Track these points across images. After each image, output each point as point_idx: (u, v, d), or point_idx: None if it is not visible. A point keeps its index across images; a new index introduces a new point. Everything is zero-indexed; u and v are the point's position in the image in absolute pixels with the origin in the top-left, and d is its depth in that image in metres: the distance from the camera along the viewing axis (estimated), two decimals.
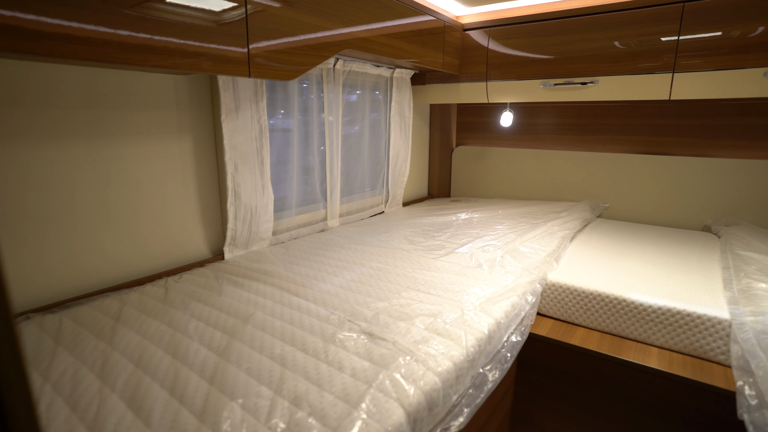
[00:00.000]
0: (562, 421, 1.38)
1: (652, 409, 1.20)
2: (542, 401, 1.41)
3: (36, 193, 1.13)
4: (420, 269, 1.40)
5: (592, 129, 2.31)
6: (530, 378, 1.42)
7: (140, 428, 0.70)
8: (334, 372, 0.84)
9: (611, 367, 1.25)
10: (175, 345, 0.95)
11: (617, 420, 1.27)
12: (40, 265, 1.16)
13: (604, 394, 1.28)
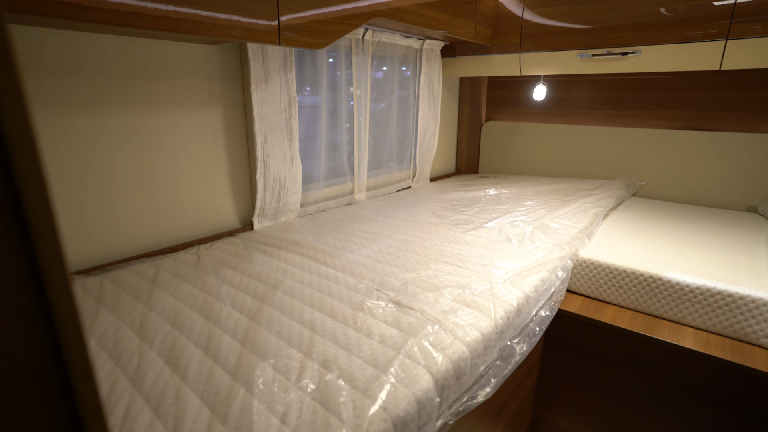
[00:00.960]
0: (587, 397, 1.37)
1: (684, 389, 1.17)
2: (568, 377, 1.40)
3: (76, 161, 1.17)
4: (447, 242, 1.39)
5: (630, 103, 2.21)
6: (557, 354, 1.40)
7: (177, 383, 0.73)
8: (363, 338, 0.85)
9: (642, 346, 1.22)
10: (208, 308, 0.98)
11: (645, 398, 1.25)
12: (81, 230, 1.21)
13: (633, 373, 1.26)
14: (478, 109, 2.72)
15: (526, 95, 2.57)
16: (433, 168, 2.62)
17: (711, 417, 1.15)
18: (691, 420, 1.18)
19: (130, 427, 0.64)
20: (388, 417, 0.66)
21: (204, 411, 0.66)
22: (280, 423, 0.64)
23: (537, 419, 1.51)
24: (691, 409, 1.17)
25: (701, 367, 1.14)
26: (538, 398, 1.49)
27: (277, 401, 0.68)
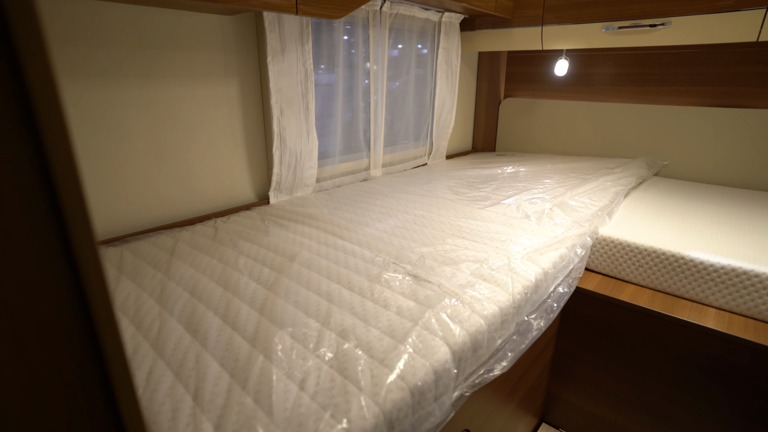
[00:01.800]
0: (602, 375, 1.36)
1: (703, 369, 1.16)
2: (584, 356, 1.39)
3: (95, 133, 1.17)
4: (464, 218, 1.38)
5: (656, 79, 2.12)
6: (573, 332, 1.39)
7: (197, 349, 0.74)
8: (380, 309, 0.85)
9: (661, 326, 1.20)
10: (226, 278, 0.98)
11: (662, 378, 1.24)
12: (102, 201, 1.22)
13: (650, 352, 1.24)
14: (496, 85, 2.65)
15: (547, 71, 2.49)
16: (449, 145, 2.58)
17: (729, 397, 1.13)
18: (708, 400, 1.17)
19: (153, 388, 0.66)
20: (405, 386, 0.67)
21: (224, 376, 0.67)
22: (298, 389, 0.64)
23: (550, 396, 1.52)
24: (709, 388, 1.16)
25: (722, 348, 1.12)
26: (552, 376, 1.49)
27: (295, 368, 0.68)
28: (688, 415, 1.22)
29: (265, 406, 0.61)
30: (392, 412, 0.63)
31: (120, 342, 0.37)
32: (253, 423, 0.58)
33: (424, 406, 0.69)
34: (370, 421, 0.60)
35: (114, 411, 0.41)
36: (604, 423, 1.41)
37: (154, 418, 0.61)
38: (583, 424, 1.47)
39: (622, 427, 1.37)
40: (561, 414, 1.51)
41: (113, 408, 0.41)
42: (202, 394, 0.64)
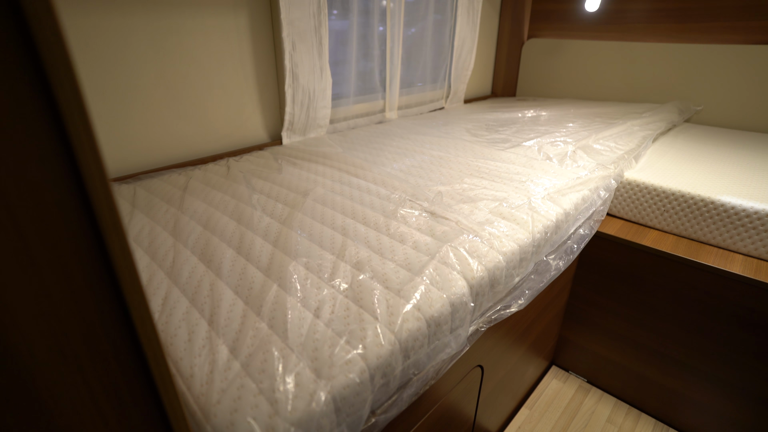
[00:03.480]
0: (617, 320, 1.35)
1: (725, 315, 1.13)
2: (599, 301, 1.37)
3: (101, 65, 1.13)
4: (483, 159, 1.33)
5: (699, 14, 1.95)
6: (590, 277, 1.37)
7: (212, 277, 0.73)
8: (396, 244, 0.83)
9: (684, 271, 1.17)
10: (239, 213, 0.97)
11: (679, 323, 1.22)
12: (112, 138, 1.20)
13: (668, 298, 1.22)
14: (520, 24, 2.49)
15: (576, 7, 2.32)
16: (467, 89, 2.47)
17: (751, 343, 1.11)
18: (727, 345, 1.15)
19: (169, 313, 0.66)
20: (421, 317, 0.65)
21: (238, 303, 0.67)
22: (313, 317, 0.64)
23: (562, 340, 1.52)
24: (728, 334, 1.14)
25: (748, 294, 1.08)
26: (565, 320, 1.49)
27: (310, 297, 0.67)
28: (704, 360, 1.21)
29: (279, 332, 0.60)
30: (408, 341, 0.63)
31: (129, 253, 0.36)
32: (268, 346, 0.57)
33: (439, 337, 0.68)
34: (385, 348, 0.59)
35: (128, 322, 0.40)
36: (614, 366, 1.42)
37: (171, 340, 0.61)
38: (594, 368, 1.48)
39: (632, 370, 1.38)
40: (572, 357, 1.53)
41: (127, 319, 0.40)
42: (217, 319, 0.64)
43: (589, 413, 1.39)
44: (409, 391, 0.66)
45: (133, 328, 0.39)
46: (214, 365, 0.56)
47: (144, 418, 0.44)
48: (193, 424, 0.51)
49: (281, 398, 0.51)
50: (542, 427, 1.33)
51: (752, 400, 1.16)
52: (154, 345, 0.41)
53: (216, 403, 0.51)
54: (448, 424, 0.93)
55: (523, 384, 1.37)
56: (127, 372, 0.41)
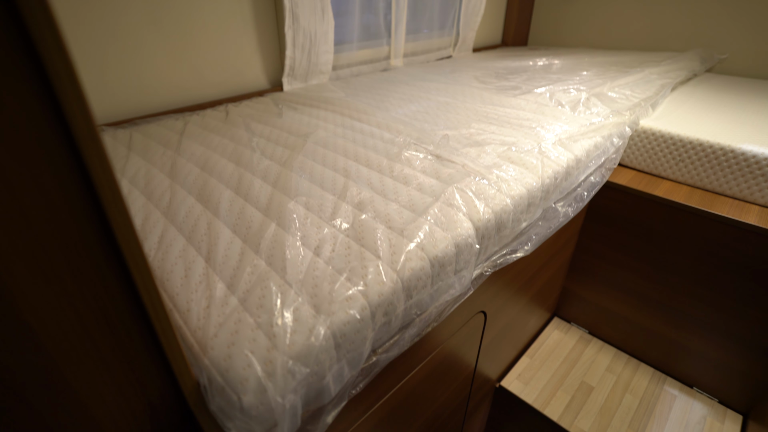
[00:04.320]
0: (623, 272, 1.34)
1: (736, 267, 1.11)
2: (605, 253, 1.35)
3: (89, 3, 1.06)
4: (492, 105, 1.27)
5: None
6: (597, 229, 1.34)
7: (209, 217, 0.71)
8: (400, 185, 0.79)
9: (696, 222, 1.14)
10: (238, 155, 0.94)
11: (688, 275, 1.20)
12: (104, 83, 1.14)
13: (678, 249, 1.20)
14: None
15: None
16: (476, 37, 2.35)
17: (759, 294, 1.10)
18: (735, 297, 1.14)
19: (165, 250, 0.64)
20: (425, 256, 0.63)
21: (236, 241, 0.65)
22: (313, 255, 0.62)
23: (566, 292, 1.52)
24: (738, 286, 1.12)
25: (761, 245, 1.05)
26: (570, 272, 1.48)
27: (310, 236, 0.65)
28: (709, 312, 1.20)
29: (278, 269, 0.58)
30: (411, 280, 0.61)
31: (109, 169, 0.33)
32: (266, 282, 0.56)
33: (443, 279, 0.66)
34: (387, 285, 0.58)
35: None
36: (617, 318, 1.42)
37: (167, 276, 0.59)
38: (596, 319, 1.48)
39: (635, 322, 1.38)
40: (575, 309, 1.53)
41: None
42: (214, 256, 0.62)
43: (589, 362, 1.41)
44: (411, 331, 0.65)
45: (119, 251, 0.37)
46: (211, 300, 0.55)
47: (137, 347, 0.42)
48: (191, 357, 0.50)
49: (279, 332, 0.50)
50: (542, 375, 1.35)
51: (754, 350, 1.16)
52: (142, 270, 0.39)
53: (213, 336, 0.50)
54: (449, 368, 0.93)
55: (525, 334, 1.38)
56: (116, 298, 0.39)
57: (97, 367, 0.40)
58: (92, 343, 0.39)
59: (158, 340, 0.43)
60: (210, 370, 0.48)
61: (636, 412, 1.26)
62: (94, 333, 0.39)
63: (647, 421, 1.24)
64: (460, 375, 1.02)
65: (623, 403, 1.28)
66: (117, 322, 0.40)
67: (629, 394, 1.31)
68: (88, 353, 0.39)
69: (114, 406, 0.44)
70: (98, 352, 0.40)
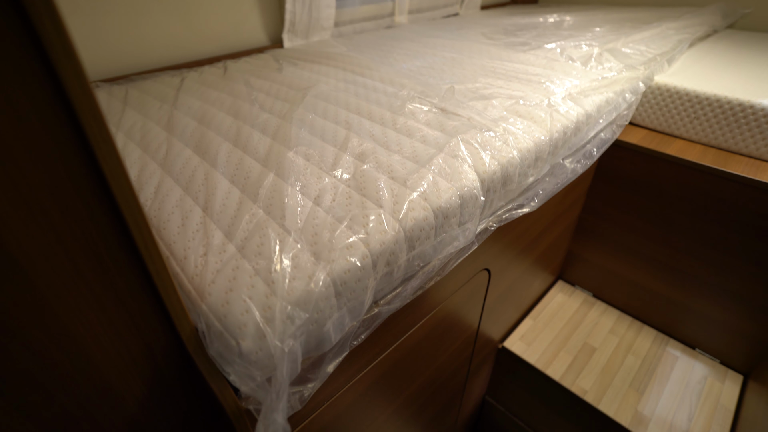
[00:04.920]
0: (630, 234, 1.32)
1: (748, 228, 1.08)
2: (613, 214, 1.33)
3: None
4: (499, 60, 1.22)
5: None
6: (605, 190, 1.31)
7: (207, 168, 0.69)
8: (403, 138, 0.77)
9: (709, 181, 1.10)
10: (237, 108, 0.91)
11: (697, 237, 1.18)
12: (99, 38, 1.10)
13: (688, 210, 1.17)
14: None
15: None
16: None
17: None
18: (744, 258, 1.12)
19: (162, 200, 0.63)
20: (428, 206, 0.61)
21: (234, 191, 0.63)
22: (313, 204, 0.60)
23: (571, 255, 1.51)
24: (748, 247, 1.10)
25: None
26: (576, 234, 1.46)
27: (309, 185, 0.63)
28: (717, 273, 1.19)
29: (277, 218, 0.57)
30: (413, 230, 0.59)
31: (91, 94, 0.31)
32: (264, 231, 0.54)
33: (447, 230, 0.65)
34: (389, 234, 0.56)
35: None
36: (622, 280, 1.41)
37: (163, 225, 0.58)
38: (601, 282, 1.47)
39: (640, 284, 1.37)
40: (579, 272, 1.52)
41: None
42: (211, 206, 0.60)
43: (592, 324, 1.41)
44: (414, 284, 0.64)
45: (107, 186, 0.35)
46: (209, 248, 0.53)
47: (131, 288, 0.41)
48: (188, 303, 0.50)
49: (278, 279, 0.48)
50: (545, 336, 1.35)
51: (759, 311, 1.15)
52: (132, 206, 0.37)
53: (210, 283, 0.49)
54: (452, 326, 0.93)
55: (529, 296, 1.38)
56: (106, 235, 0.37)
57: (91, 308, 0.39)
58: (84, 282, 0.38)
59: (153, 282, 0.42)
60: (208, 316, 0.47)
61: (638, 372, 1.27)
62: (86, 271, 0.37)
63: (648, 380, 1.25)
64: (463, 334, 1.02)
65: (625, 364, 1.29)
66: (108, 261, 0.38)
67: (631, 355, 1.32)
68: (81, 292, 0.38)
69: (111, 348, 0.43)
70: (91, 291, 0.39)
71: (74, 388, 0.42)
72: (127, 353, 0.45)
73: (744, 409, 1.14)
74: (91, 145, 0.33)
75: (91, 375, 0.43)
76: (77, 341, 0.40)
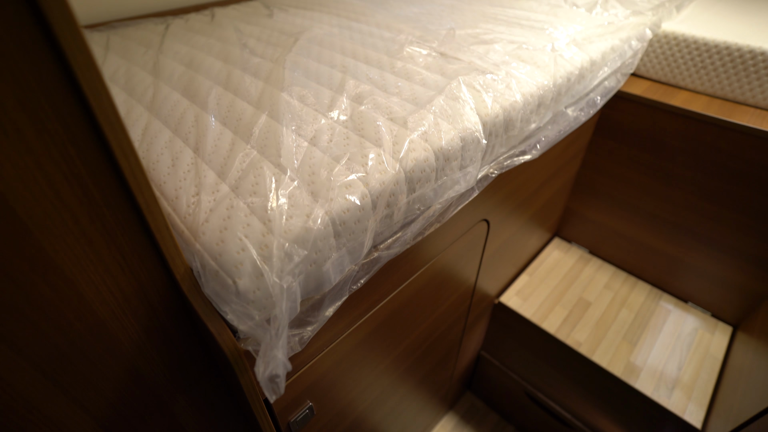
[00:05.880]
0: (629, 189, 1.31)
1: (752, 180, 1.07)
2: (612, 169, 1.31)
3: None
4: (501, 7, 1.16)
5: None
6: (605, 144, 1.29)
7: (197, 110, 0.66)
8: (402, 81, 0.73)
9: (711, 133, 1.08)
10: (226, 53, 0.86)
11: (698, 190, 1.17)
12: None
13: (689, 164, 1.15)
14: None
15: None
16: None
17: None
18: (741, 211, 1.12)
19: (150, 142, 0.60)
20: (429, 147, 0.59)
21: (226, 133, 0.60)
22: (309, 144, 0.57)
23: (569, 212, 1.50)
24: (746, 199, 1.10)
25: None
26: (574, 191, 1.45)
27: (305, 126, 0.60)
28: (714, 227, 1.19)
29: (272, 158, 0.54)
30: (414, 171, 0.57)
31: None
32: (259, 170, 0.52)
33: (448, 173, 0.63)
34: (389, 173, 0.54)
35: None
36: (618, 236, 1.41)
37: (153, 166, 0.55)
38: (597, 239, 1.48)
39: (636, 240, 1.37)
40: (576, 229, 1.52)
41: None
42: (203, 147, 0.58)
43: (588, 280, 1.42)
44: (414, 228, 0.63)
45: (87, 103, 0.32)
46: (201, 188, 0.51)
47: (119, 221, 0.39)
48: (181, 242, 0.48)
49: (275, 217, 0.47)
50: (541, 292, 1.36)
51: (753, 263, 1.16)
52: (117, 130, 0.34)
53: (204, 222, 0.47)
54: (450, 277, 0.93)
55: (525, 252, 1.38)
56: (90, 162, 0.35)
57: (78, 241, 0.37)
58: (68, 211, 0.36)
59: (143, 217, 0.40)
60: (202, 255, 0.46)
61: (631, 325, 1.29)
62: (69, 200, 0.35)
63: (641, 333, 1.27)
64: (461, 287, 1.02)
65: (619, 317, 1.31)
66: (94, 190, 0.36)
67: (625, 309, 1.33)
68: (65, 223, 0.36)
69: (102, 285, 0.42)
70: (76, 223, 0.37)
71: (66, 325, 0.41)
72: (119, 292, 0.43)
73: (731, 358, 1.17)
74: (65, 55, 0.30)
75: (82, 313, 0.42)
76: (65, 276, 0.38)
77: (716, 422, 1.00)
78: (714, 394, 1.12)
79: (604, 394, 1.21)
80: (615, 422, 1.23)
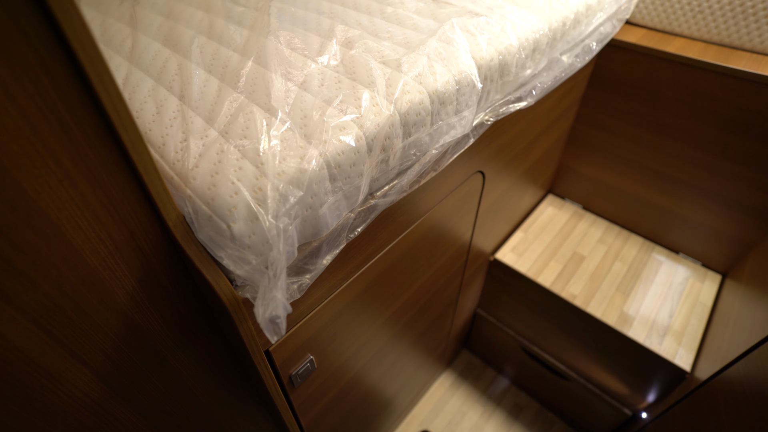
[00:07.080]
0: (623, 142, 1.30)
1: (745, 129, 1.07)
2: (606, 122, 1.30)
3: None
4: None
5: None
6: (599, 96, 1.27)
7: (179, 59, 0.63)
8: (393, 26, 0.70)
9: (707, 80, 1.07)
10: (207, 3, 0.82)
11: (693, 140, 1.17)
12: None
13: (686, 113, 1.14)
14: None
15: None
16: None
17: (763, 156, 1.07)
18: (734, 159, 1.12)
19: (132, 90, 0.57)
20: (424, 90, 0.57)
21: (212, 80, 0.58)
22: (299, 89, 0.55)
23: (562, 168, 1.49)
24: (741, 147, 1.09)
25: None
26: (568, 146, 1.44)
27: (294, 71, 0.58)
28: (708, 178, 1.19)
29: (262, 102, 0.52)
30: (409, 114, 0.55)
31: None
32: (249, 115, 0.50)
33: (443, 118, 0.61)
34: (384, 115, 0.52)
35: None
36: (612, 191, 1.41)
37: (137, 114, 0.53)
38: (591, 194, 1.48)
39: (629, 193, 1.38)
40: (570, 185, 1.52)
41: None
42: (188, 94, 0.55)
43: (582, 235, 1.43)
44: (410, 176, 0.62)
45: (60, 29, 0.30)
46: (189, 134, 0.49)
47: (103, 161, 0.37)
48: (172, 188, 0.46)
49: (268, 159, 0.45)
50: (535, 247, 1.37)
51: (745, 212, 1.17)
52: (94, 60, 0.32)
53: (194, 167, 0.46)
54: (446, 231, 0.92)
55: (520, 209, 1.38)
56: (66, 93, 0.33)
57: (61, 183, 0.36)
58: (48, 150, 0.34)
59: (128, 155, 0.38)
60: (194, 200, 0.44)
61: (624, 277, 1.31)
62: (48, 137, 0.33)
63: (634, 284, 1.29)
64: (457, 241, 1.02)
65: (612, 270, 1.33)
66: (73, 125, 0.34)
67: (619, 262, 1.35)
68: (45, 163, 0.34)
69: (91, 232, 0.40)
70: (57, 163, 0.35)
71: (57, 275, 0.40)
72: (109, 239, 0.42)
73: (720, 304, 1.20)
74: None
75: (73, 263, 0.40)
76: (51, 221, 0.37)
77: (704, 364, 1.03)
78: (703, 338, 1.16)
79: (599, 345, 1.24)
80: (609, 371, 1.27)
